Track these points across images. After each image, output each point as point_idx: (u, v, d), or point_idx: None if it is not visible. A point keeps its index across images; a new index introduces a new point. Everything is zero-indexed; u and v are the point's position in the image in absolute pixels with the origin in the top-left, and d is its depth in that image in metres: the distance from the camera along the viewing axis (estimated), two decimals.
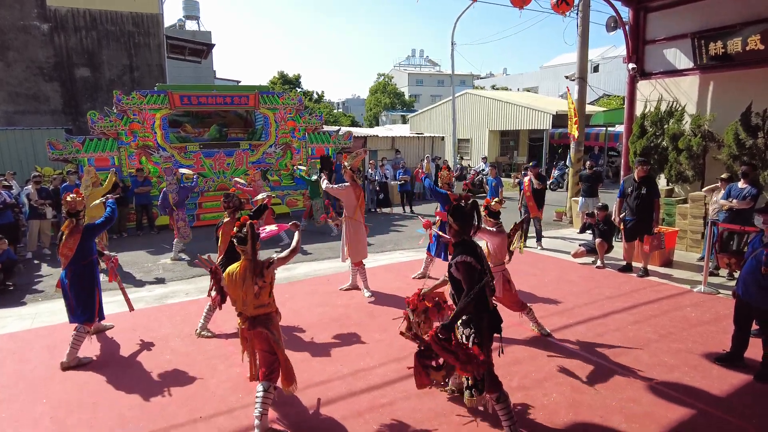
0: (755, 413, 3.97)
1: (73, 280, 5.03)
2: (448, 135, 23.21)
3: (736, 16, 8.94)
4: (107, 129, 11.99)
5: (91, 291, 5.16)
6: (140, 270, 8.81)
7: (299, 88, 45.43)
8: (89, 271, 5.15)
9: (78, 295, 5.05)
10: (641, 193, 7.70)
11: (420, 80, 66.09)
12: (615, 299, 6.71)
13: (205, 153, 13.26)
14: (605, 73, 38.20)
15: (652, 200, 7.66)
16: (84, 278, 5.08)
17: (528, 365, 4.81)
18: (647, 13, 10.59)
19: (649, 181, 7.78)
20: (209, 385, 4.58)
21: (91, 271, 5.18)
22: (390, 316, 6.18)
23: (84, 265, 5.09)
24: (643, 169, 7.75)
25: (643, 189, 7.70)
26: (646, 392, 4.30)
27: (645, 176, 7.75)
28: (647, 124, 10.31)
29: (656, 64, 10.60)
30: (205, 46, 24.38)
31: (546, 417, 3.93)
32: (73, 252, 4.97)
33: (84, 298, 5.08)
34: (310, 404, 4.21)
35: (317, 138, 14.68)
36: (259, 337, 3.88)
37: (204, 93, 13.09)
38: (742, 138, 8.57)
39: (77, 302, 5.06)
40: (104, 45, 17.93)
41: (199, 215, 12.89)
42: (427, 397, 4.24)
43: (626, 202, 7.99)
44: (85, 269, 5.11)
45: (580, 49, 12.42)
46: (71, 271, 5.03)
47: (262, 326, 3.83)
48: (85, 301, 5.09)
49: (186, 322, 6.16)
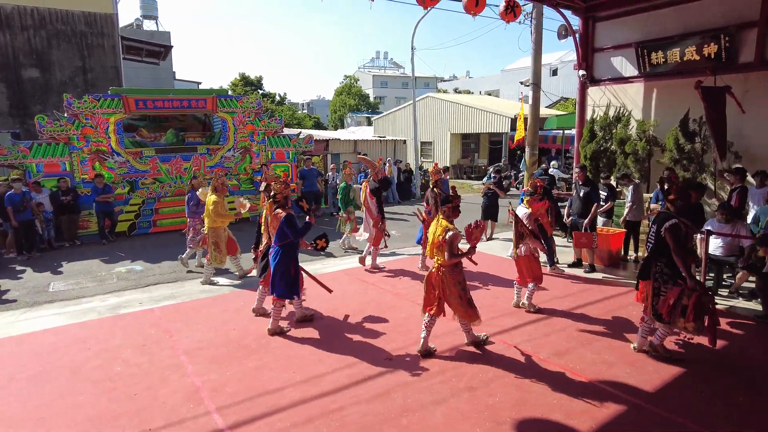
0: (682, 404, 4.24)
1: (273, 259, 5.82)
2: (411, 138, 23.46)
3: (674, 28, 9.46)
4: (57, 133, 11.60)
5: (285, 271, 5.78)
6: (93, 279, 8.59)
7: (261, 90, 44.93)
8: (283, 253, 5.79)
9: (275, 272, 5.80)
10: (580, 196, 8.43)
11: (385, 82, 66.44)
12: (563, 299, 7.00)
13: (161, 158, 13.00)
14: (563, 77, 39.31)
15: (591, 202, 8.30)
16: (279, 258, 5.77)
17: (476, 366, 4.98)
18: (596, 22, 11.05)
19: (589, 184, 8.47)
20: (160, 396, 4.55)
21: (285, 253, 5.79)
22: (345, 322, 6.27)
23: (280, 247, 5.81)
24: (580, 175, 8.63)
25: (582, 192, 8.42)
26: (585, 389, 4.53)
27: (585, 180, 8.53)
28: (597, 129, 10.76)
29: (605, 72, 11.07)
30: (162, 48, 23.86)
31: (490, 416, 4.09)
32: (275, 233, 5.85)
33: (278, 275, 5.78)
34: (261, 412, 4.24)
35: (277, 141, 14.61)
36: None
37: (160, 97, 12.83)
38: (682, 143, 9.07)
39: (273, 278, 5.84)
40: (54, 45, 17.32)
41: (155, 221, 12.63)
42: (377, 401, 4.34)
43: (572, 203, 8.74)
44: (280, 251, 5.79)
45: (533, 55, 12.82)
46: (272, 251, 5.89)
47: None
48: (279, 278, 5.78)
49: (139, 332, 6.07)
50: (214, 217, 7.89)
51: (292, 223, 5.76)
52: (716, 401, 4.31)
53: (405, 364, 5.06)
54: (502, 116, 23.57)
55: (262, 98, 20.11)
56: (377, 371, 4.91)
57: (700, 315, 4.68)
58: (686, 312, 4.70)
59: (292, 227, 5.75)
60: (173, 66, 34.10)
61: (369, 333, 5.91)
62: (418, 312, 6.50)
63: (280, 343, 5.66)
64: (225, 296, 7.49)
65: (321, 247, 6.35)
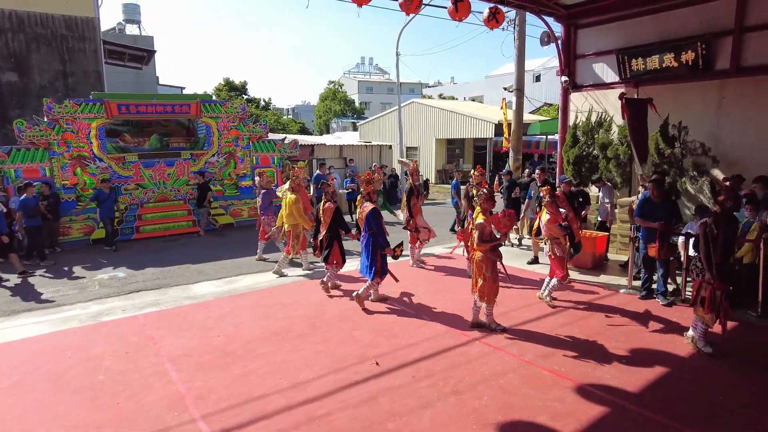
0: (664, 405, 4.31)
1: (364, 246, 6.92)
2: (397, 143, 23.55)
3: (653, 36, 9.67)
4: (37, 138, 11.41)
5: (373, 256, 6.81)
6: (74, 286, 8.45)
7: (246, 95, 44.71)
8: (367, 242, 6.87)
9: (365, 256, 6.92)
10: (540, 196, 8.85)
11: (370, 88, 66.55)
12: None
13: (144, 163, 12.87)
14: (547, 83, 39.80)
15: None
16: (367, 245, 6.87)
17: (463, 369, 5.00)
18: (577, 29, 11.23)
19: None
20: (144, 404, 4.49)
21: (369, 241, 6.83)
22: (331, 327, 6.26)
23: (368, 235, 6.86)
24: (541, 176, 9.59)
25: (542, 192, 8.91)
26: (570, 391, 4.58)
27: (544, 182, 9.30)
28: (579, 134, 10.90)
29: (587, 77, 11.25)
30: (145, 52, 23.65)
31: (476, 419, 4.12)
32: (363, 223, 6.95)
33: (367, 259, 6.89)
34: (248, 419, 4.21)
35: (262, 146, 14.55)
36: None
37: (143, 102, 12.71)
38: (662, 148, 9.23)
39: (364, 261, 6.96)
40: (33, 49, 17.00)
41: (138, 227, 12.47)
42: (364, 406, 4.34)
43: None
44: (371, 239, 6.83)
45: (517, 62, 12.99)
46: (363, 238, 6.96)
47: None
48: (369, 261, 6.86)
49: (122, 340, 5.98)
50: (296, 215, 8.50)
51: (376, 216, 6.81)
52: (698, 401, 4.39)
53: (391, 369, 5.06)
54: (487, 122, 23.78)
55: (246, 103, 20.01)
56: (364, 376, 4.90)
57: (713, 307, 5.13)
58: (704, 303, 5.20)
59: (375, 220, 6.78)
60: (157, 71, 33.78)
61: (355, 338, 5.90)
62: (404, 317, 6.55)
63: (266, 349, 5.62)
64: (209, 302, 7.42)
65: (397, 255, 7.12)
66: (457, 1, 8.99)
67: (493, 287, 5.91)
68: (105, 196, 11.13)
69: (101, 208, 11.17)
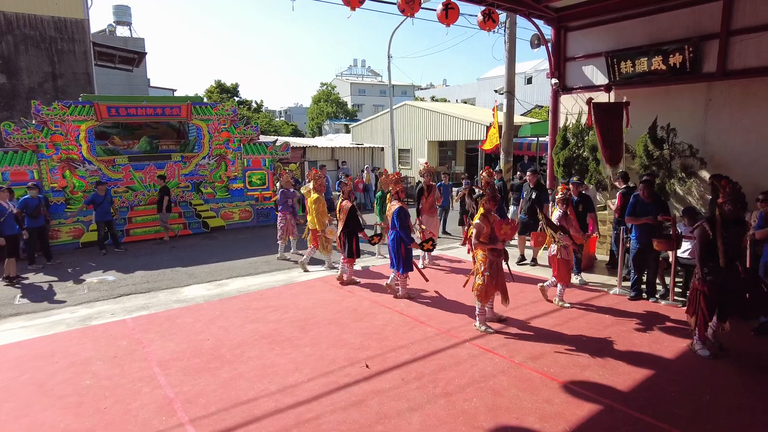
0: (652, 405, 4.33)
1: (391, 241, 7.29)
2: (389, 145, 23.56)
3: (642, 39, 9.75)
4: (25, 141, 11.31)
5: (397, 252, 7.22)
6: (63, 290, 8.37)
7: (237, 97, 44.56)
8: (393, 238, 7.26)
9: (391, 252, 7.35)
10: (532, 197, 9.36)
11: (362, 90, 66.56)
12: (538, 303, 7.09)
13: (134, 166, 12.79)
14: (538, 85, 40.03)
15: (541, 203, 8.99)
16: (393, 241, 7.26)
17: (452, 371, 5.00)
18: (567, 32, 11.31)
19: (539, 188, 9.48)
20: (131, 409, 4.44)
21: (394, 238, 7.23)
22: (321, 330, 6.24)
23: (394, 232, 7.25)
24: (532, 178, 9.48)
25: (533, 194, 9.38)
26: (559, 392, 4.59)
27: (536, 184, 9.46)
28: (569, 136, 10.96)
29: (576, 80, 11.32)
30: (136, 54, 23.51)
31: (465, 421, 4.11)
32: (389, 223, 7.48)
33: (393, 254, 7.33)
34: (236, 423, 4.18)
35: (253, 149, 14.51)
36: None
37: (133, 104, 12.63)
38: (651, 149, 9.30)
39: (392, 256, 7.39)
40: (22, 50, 16.88)
41: (128, 230, 12.38)
42: (353, 409, 4.32)
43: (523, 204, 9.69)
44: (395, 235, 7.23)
45: (507, 64, 13.03)
46: (390, 234, 7.37)
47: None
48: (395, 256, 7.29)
49: (110, 344, 5.93)
50: (313, 215, 8.73)
51: (400, 215, 7.17)
52: (684, 401, 4.41)
53: (381, 371, 5.05)
54: (479, 124, 23.83)
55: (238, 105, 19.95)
56: (353, 379, 4.89)
57: (694, 309, 5.27)
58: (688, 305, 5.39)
59: (400, 219, 7.15)
60: (148, 73, 33.57)
61: (345, 341, 5.89)
62: (395, 319, 6.54)
63: (255, 352, 5.59)
64: (199, 306, 7.38)
65: (428, 248, 7.65)
66: (447, 7, 9.03)
67: (489, 287, 5.96)
68: (101, 199, 11.04)
69: (97, 212, 11.08)
